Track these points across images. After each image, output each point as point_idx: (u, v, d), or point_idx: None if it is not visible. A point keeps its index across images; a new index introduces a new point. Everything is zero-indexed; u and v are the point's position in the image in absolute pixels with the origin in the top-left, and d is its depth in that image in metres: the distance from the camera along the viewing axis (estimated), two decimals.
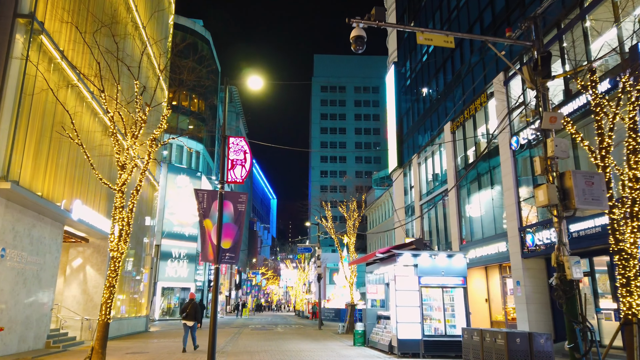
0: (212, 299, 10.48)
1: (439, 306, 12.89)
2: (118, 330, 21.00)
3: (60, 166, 14.64)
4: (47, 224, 14.61)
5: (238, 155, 11.38)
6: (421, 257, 13.08)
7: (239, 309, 52.02)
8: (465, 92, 22.47)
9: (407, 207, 31.73)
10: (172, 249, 40.29)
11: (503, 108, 18.59)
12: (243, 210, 11.19)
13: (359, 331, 16.07)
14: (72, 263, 19.34)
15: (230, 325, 31.75)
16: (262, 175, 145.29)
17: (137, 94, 11.22)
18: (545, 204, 7.23)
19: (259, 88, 11.66)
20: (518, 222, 17.36)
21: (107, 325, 10.59)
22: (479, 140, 21.28)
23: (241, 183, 11.25)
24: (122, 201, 11.03)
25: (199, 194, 11.08)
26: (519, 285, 17.05)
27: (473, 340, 9.77)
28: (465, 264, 13.27)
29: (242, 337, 21.09)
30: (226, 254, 10.84)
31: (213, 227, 10.91)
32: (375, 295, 15.99)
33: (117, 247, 10.88)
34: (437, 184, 26.21)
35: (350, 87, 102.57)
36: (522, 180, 17.69)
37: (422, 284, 12.89)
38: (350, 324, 23.15)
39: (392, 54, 35.64)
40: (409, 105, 31.56)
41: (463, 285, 12.98)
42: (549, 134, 7.88)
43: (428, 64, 27.98)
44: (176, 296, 41.35)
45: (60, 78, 13.68)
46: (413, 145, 30.26)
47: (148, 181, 26.39)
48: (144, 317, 25.74)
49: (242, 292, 75.01)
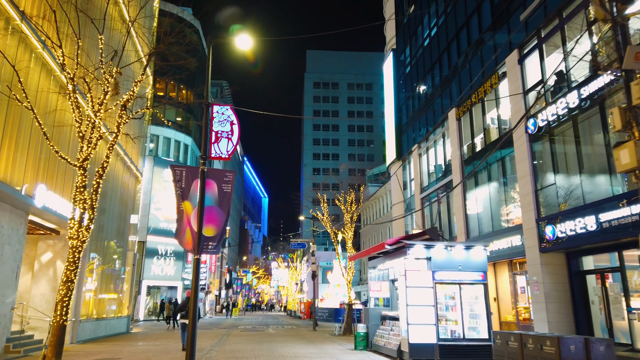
0: (191, 295, 8.68)
1: (456, 305, 11.23)
2: (93, 332, 19.11)
3: (21, 145, 12.74)
4: (4, 211, 12.70)
5: (224, 126, 9.60)
6: (435, 249, 11.40)
7: (228, 309, 50.09)
8: (473, 74, 20.85)
9: (406, 202, 30.08)
10: (158, 245, 38.34)
11: (517, 89, 16.99)
12: (229, 192, 9.41)
13: (360, 333, 14.35)
14: (41, 258, 17.43)
15: (218, 325, 29.89)
16: (253, 173, 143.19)
17: (102, 53, 9.39)
18: (633, 166, 5.52)
19: (247, 48, 9.90)
20: (535, 213, 15.75)
21: (63, 328, 8.77)
22: (488, 126, 19.66)
23: (227, 159, 9.48)
24: (83, 179, 9.21)
25: (177, 170, 9.28)
26: (537, 282, 15.44)
27: (509, 346, 8.12)
28: (486, 256, 11.60)
29: (230, 339, 19.28)
30: (209, 243, 9.07)
31: (193, 211, 9.12)
32: (379, 293, 14.29)
33: (77, 234, 9.07)
34: (440, 175, 24.58)
35: (344, 83, 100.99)
36: (540, 167, 16.08)
37: (437, 279, 11.21)
38: (348, 324, 21.47)
39: (390, 41, 33.99)
40: (409, 93, 29.92)
41: (483, 281, 11.31)
42: (633, 76, 6.14)
43: (430, 48, 26.34)
44: (162, 295, 39.42)
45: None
46: (413, 136, 28.63)
47: (131, 172, 24.49)
48: (125, 318, 23.83)
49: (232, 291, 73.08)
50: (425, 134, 26.52)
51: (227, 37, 10.17)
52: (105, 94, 9.39)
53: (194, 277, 8.67)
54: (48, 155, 14.35)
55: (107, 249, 21.13)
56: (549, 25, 15.82)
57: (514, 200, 17.80)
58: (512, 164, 18.19)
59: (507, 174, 18.55)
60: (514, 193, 17.89)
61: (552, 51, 15.91)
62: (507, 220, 18.22)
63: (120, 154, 22.03)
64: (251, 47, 9.90)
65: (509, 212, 18.16)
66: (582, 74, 14.28)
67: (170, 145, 42.12)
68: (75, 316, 16.94)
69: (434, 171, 25.69)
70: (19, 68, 9.23)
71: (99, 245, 19.77)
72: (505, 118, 18.71)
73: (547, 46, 16.02)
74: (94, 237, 19.01)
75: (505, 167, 18.75)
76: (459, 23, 22.84)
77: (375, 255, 14.58)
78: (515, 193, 17.73)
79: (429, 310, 10.94)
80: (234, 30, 18.17)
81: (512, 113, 17.26)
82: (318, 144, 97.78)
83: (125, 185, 23.56)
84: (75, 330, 16.95)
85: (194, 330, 8.69)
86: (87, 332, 18.33)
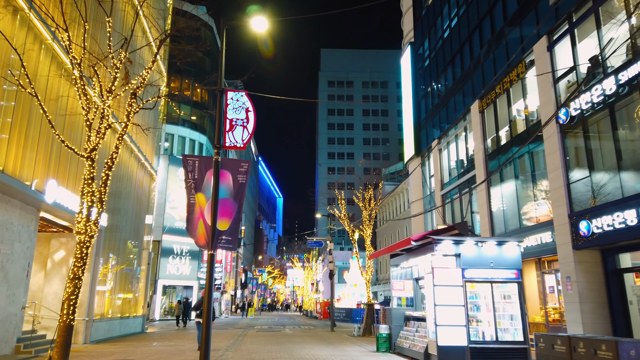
0: (205, 292, 8.10)
1: (488, 305, 10.45)
2: (108, 331, 18.74)
3: (30, 138, 12.35)
4: (14, 207, 12.29)
5: (238, 113, 9.00)
6: (465, 244, 10.63)
7: (244, 309, 49.70)
8: (497, 64, 19.95)
9: (425, 199, 29.22)
10: (173, 245, 38.06)
11: (546, 77, 16.08)
12: (244, 183, 8.80)
13: (382, 334, 13.62)
14: (54, 256, 17.09)
15: (234, 325, 29.42)
16: (268, 173, 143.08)
17: (109, 37, 8.86)
18: None
19: (262, 30, 9.28)
20: (568, 208, 14.84)
21: (71, 328, 8.27)
22: (514, 118, 18.75)
23: (242, 148, 8.88)
24: (91, 171, 8.69)
25: (189, 160, 8.70)
26: (570, 281, 14.55)
27: (555, 350, 7.36)
28: (520, 252, 10.80)
29: (246, 339, 18.73)
30: (222, 237, 8.46)
31: (207, 204, 8.53)
32: (402, 292, 13.55)
33: (85, 229, 8.54)
34: (462, 170, 23.70)
35: (358, 82, 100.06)
36: (572, 159, 15.17)
37: (467, 277, 10.44)
38: (367, 325, 20.74)
39: (408, 34, 33.14)
40: (428, 87, 29.05)
41: (517, 279, 10.52)
42: None
43: (451, 39, 25.46)
44: (178, 295, 39.16)
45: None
46: (433, 131, 27.76)
47: (145, 170, 24.13)
48: (140, 317, 23.46)
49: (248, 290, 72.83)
50: (445, 129, 25.66)
51: (241, 19, 9.57)
52: (114, 80, 8.86)
53: (208, 273, 8.08)
54: (59, 150, 13.96)
55: (122, 248, 20.77)
56: (581, 8, 14.91)
57: (543, 195, 16.89)
58: (540, 157, 17.29)
59: (535, 167, 17.64)
60: (542, 187, 17.00)
61: (584, 36, 15.01)
62: (535, 217, 17.32)
63: (134, 150, 21.66)
64: (266, 29, 9.29)
65: (537, 207, 17.25)
66: (619, 59, 13.37)
67: (185, 144, 41.88)
68: (88, 316, 16.55)
69: (455, 167, 24.81)
70: (22, 52, 8.75)
71: (113, 243, 19.40)
72: (533, 109, 17.81)
73: (579, 31, 15.11)
74: (108, 236, 18.65)
75: (532, 160, 17.85)
76: (482, 12, 21.95)
77: (397, 252, 13.85)
78: (545, 187, 16.83)
79: (459, 311, 10.19)
80: (249, 12, 17.69)
81: (541, 103, 16.36)
82: (333, 143, 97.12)
83: (139, 182, 23.20)
84: (88, 330, 16.56)
85: (208, 329, 8.10)
86: (101, 332, 17.95)
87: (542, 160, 17.05)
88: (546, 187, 16.60)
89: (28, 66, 10.24)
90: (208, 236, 8.39)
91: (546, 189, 16.60)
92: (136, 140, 21.83)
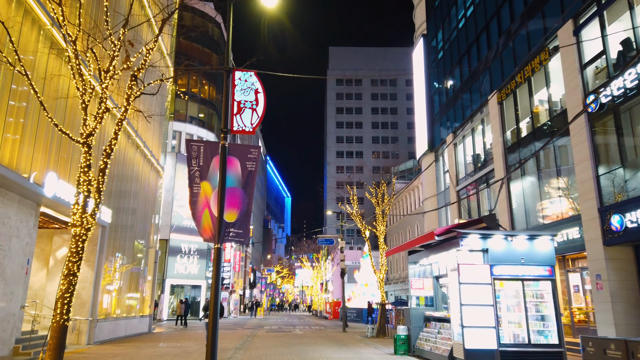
0: (211, 291, 7.37)
1: (518, 305, 9.60)
2: (113, 332, 18.09)
3: (29, 129, 11.70)
4: (12, 201, 11.64)
5: (247, 95, 8.24)
6: (493, 239, 9.79)
7: (253, 309, 49.05)
8: (517, 52, 19.02)
9: (439, 196, 28.31)
10: (181, 244, 37.49)
11: (572, 63, 15.16)
12: (254, 170, 8.04)
13: (400, 336, 12.80)
14: (56, 253, 16.48)
15: (243, 326, 28.72)
16: (276, 173, 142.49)
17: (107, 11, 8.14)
18: None
19: (272, 5, 8.52)
20: (597, 202, 13.92)
21: (65, 328, 7.57)
22: (536, 108, 17.81)
23: (252, 133, 8.12)
24: (87, 158, 7.98)
25: (194, 146, 7.96)
26: (600, 279, 13.62)
27: (608, 356, 6.52)
28: (553, 247, 9.94)
29: (255, 341, 17.99)
30: (230, 230, 7.70)
31: (213, 193, 7.78)
32: (421, 291, 12.72)
33: (80, 221, 7.83)
34: (480, 165, 22.78)
35: (367, 80, 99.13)
36: (602, 149, 14.23)
37: (495, 275, 9.60)
38: (382, 326, 19.92)
39: (420, 26, 32.22)
40: (442, 80, 28.14)
41: (551, 276, 9.65)
42: None
43: (466, 29, 24.53)
44: (187, 295, 38.61)
45: None
46: (447, 125, 26.85)
47: (152, 166, 23.50)
48: (146, 317, 22.83)
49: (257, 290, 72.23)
50: (461, 122, 24.74)
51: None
52: (112, 59, 8.15)
53: (214, 268, 7.34)
54: (60, 141, 13.31)
55: (128, 246, 20.15)
56: None
57: (567, 189, 15.97)
58: (563, 149, 16.37)
59: (559, 160, 16.71)
60: (567, 181, 16.07)
61: (614, 19, 14.07)
62: (559, 211, 16.39)
63: (140, 146, 21.02)
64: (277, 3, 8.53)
65: (561, 202, 16.32)
66: None
67: None
68: (92, 315, 15.90)
69: (471, 161, 23.90)
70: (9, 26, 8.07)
71: (118, 241, 18.76)
72: (557, 99, 16.87)
73: (608, 13, 14.18)
74: (113, 233, 18.02)
75: (555, 152, 16.92)
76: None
77: (416, 249, 13.02)
78: (569, 181, 15.91)
79: (487, 311, 9.35)
80: None
81: (567, 91, 15.43)
82: (341, 141, 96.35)
83: (146, 179, 22.57)
84: (92, 330, 15.90)
85: (215, 330, 7.35)
86: (105, 332, 17.30)
87: (566, 152, 16.14)
88: (571, 180, 15.68)
89: (18, 43, 9.62)
90: (214, 228, 7.64)
91: (571, 182, 15.68)
92: (142, 135, 21.20)
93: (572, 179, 15.66)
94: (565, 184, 16.18)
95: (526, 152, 18.26)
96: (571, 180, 15.73)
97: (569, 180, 15.92)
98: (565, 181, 16.18)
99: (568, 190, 15.95)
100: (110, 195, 17.54)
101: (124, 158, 19.25)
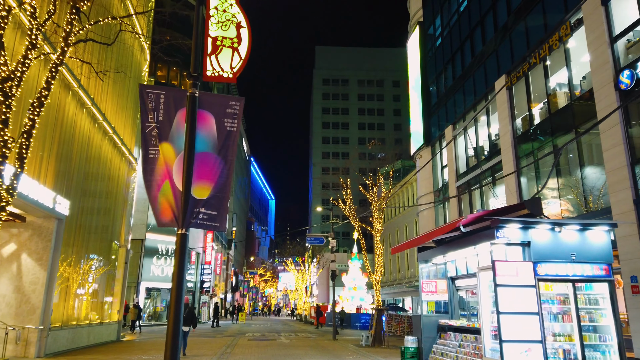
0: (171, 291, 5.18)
1: (567, 313, 7.66)
2: (72, 341, 15.66)
3: None
4: None
5: (225, 29, 6.10)
6: (537, 230, 7.82)
7: (234, 314, 46.54)
8: (530, 31, 17.25)
9: (436, 192, 26.46)
10: (158, 244, 34.93)
11: (600, 36, 13.39)
12: (235, 131, 5.89)
13: (409, 349, 10.77)
14: (2, 250, 14.04)
15: (223, 332, 26.37)
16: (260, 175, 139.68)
17: None
18: None
19: None
20: (632, 192, 12.13)
21: None
22: (554, 91, 16.02)
23: (232, 80, 5.99)
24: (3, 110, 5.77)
25: (150, 94, 5.74)
26: (636, 282, 11.80)
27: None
28: (610, 241, 8.01)
29: (236, 351, 15.74)
30: (201, 210, 5.53)
31: (177, 159, 5.62)
32: (434, 295, 10.69)
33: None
34: (484, 157, 20.96)
35: (354, 80, 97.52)
36: (637, 133, 12.45)
37: (540, 275, 7.64)
38: (377, 334, 17.88)
39: (416, 14, 30.44)
40: (440, 69, 26.34)
41: (608, 277, 7.72)
42: None
43: (469, 11, 22.75)
44: (163, 299, 36.05)
45: None
46: (446, 116, 25.03)
47: (122, 155, 21.09)
48: (114, 324, 20.36)
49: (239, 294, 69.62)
50: (462, 112, 22.93)
51: None
52: None
53: (176, 261, 5.18)
54: None
55: (92, 243, 17.75)
56: None
57: (595, 177, 14.18)
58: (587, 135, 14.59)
59: (582, 145, 14.91)
60: (594, 169, 14.29)
61: None
62: (584, 204, 14.58)
63: (108, 131, 18.67)
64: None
65: (587, 193, 14.50)
66: None
67: None
68: (43, 323, 13.49)
69: (473, 154, 22.08)
70: None
71: (79, 237, 16.35)
72: (577, 81, 15.10)
73: None
74: (73, 227, 15.65)
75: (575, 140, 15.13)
76: None
77: (427, 245, 11.03)
78: (593, 170, 14.13)
79: (532, 321, 7.35)
80: None
81: (594, 68, 13.64)
82: (327, 142, 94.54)
83: (115, 169, 20.20)
84: (43, 340, 13.49)
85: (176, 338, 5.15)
86: (62, 342, 14.89)
87: (592, 138, 14.36)
88: (596, 170, 13.89)
89: None
90: (177, 207, 5.44)
91: (596, 171, 13.90)
92: (112, 121, 18.86)
93: (596, 168, 13.87)
94: (590, 172, 14.38)
95: (538, 142, 16.44)
96: (595, 170, 13.94)
97: (593, 169, 14.13)
98: (591, 169, 14.38)
99: (591, 180, 14.15)
100: (69, 183, 15.20)
101: (89, 143, 16.91)
